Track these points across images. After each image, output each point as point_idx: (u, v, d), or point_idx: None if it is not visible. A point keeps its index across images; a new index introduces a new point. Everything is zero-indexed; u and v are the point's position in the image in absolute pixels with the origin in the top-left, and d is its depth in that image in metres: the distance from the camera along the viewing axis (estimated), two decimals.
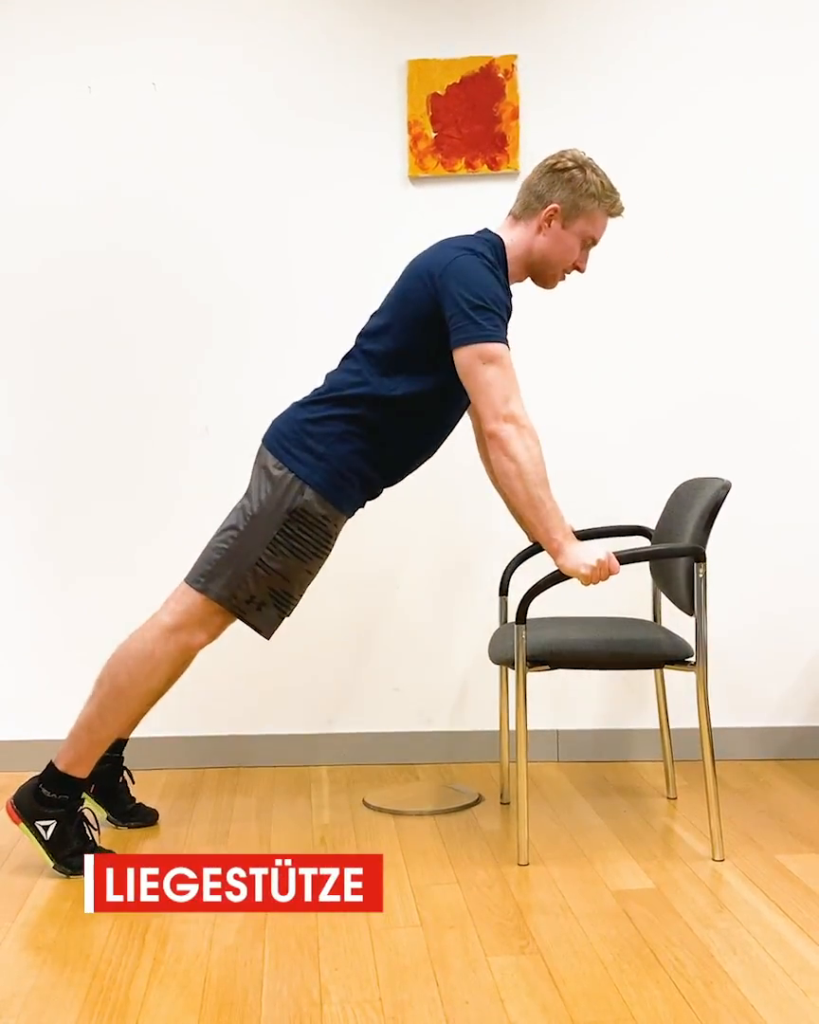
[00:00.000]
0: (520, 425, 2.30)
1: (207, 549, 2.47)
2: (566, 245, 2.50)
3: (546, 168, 2.48)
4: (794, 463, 3.22)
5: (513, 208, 2.54)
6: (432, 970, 1.96)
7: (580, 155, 2.49)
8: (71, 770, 2.44)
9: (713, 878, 2.36)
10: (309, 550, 2.42)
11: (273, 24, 3.14)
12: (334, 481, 2.42)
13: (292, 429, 2.46)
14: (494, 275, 2.39)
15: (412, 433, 2.48)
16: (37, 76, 3.13)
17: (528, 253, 2.50)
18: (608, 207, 2.50)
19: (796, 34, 3.15)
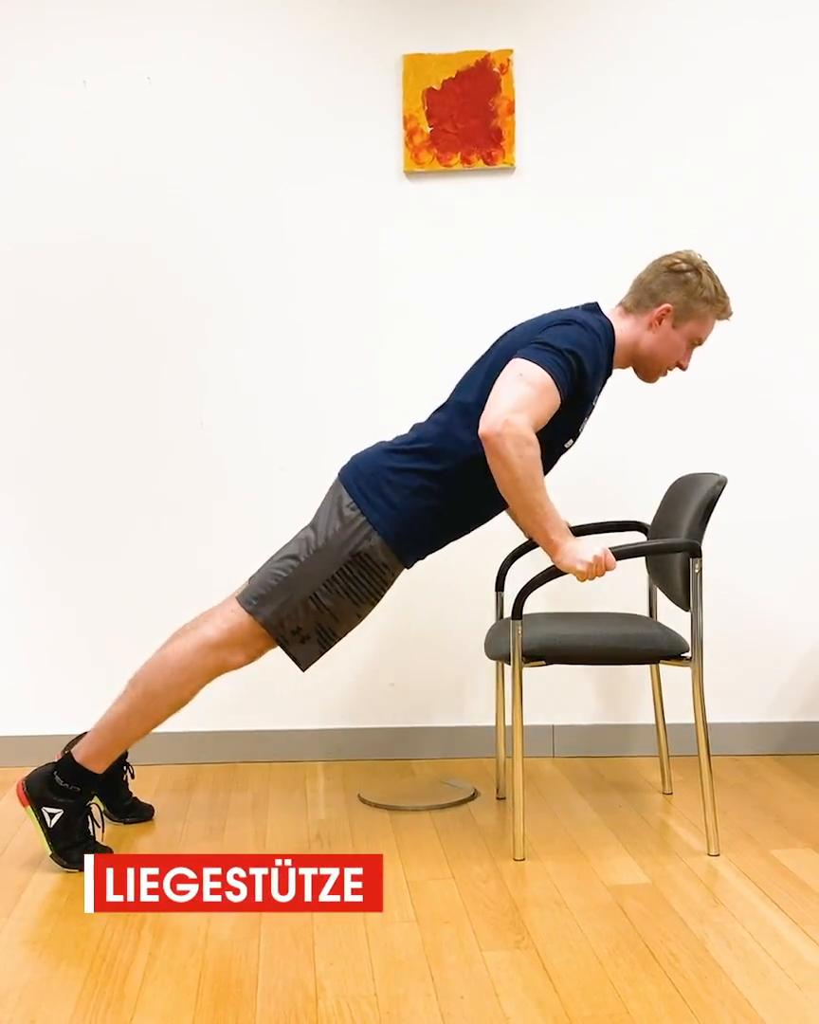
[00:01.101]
0: (517, 433, 2.23)
1: (263, 572, 2.48)
2: (673, 344, 2.52)
3: (662, 268, 2.51)
4: (790, 459, 3.22)
5: (624, 300, 2.56)
6: (427, 965, 1.96)
7: (696, 257, 2.52)
8: (88, 763, 2.45)
9: (708, 873, 2.37)
10: (363, 594, 2.44)
11: (268, 18, 3.13)
12: (403, 533, 2.42)
13: (372, 472, 2.46)
14: (596, 348, 2.38)
15: (488, 494, 2.41)
16: (32, 70, 3.12)
17: (635, 347, 2.52)
18: (719, 311, 2.54)
19: (797, 30, 3.14)
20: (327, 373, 3.19)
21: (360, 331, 3.19)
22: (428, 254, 3.17)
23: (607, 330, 2.46)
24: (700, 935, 2.07)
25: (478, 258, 3.17)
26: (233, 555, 3.19)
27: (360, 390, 3.19)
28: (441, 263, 3.17)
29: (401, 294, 3.18)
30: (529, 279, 3.18)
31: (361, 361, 3.19)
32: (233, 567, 3.18)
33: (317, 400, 3.20)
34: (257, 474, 3.20)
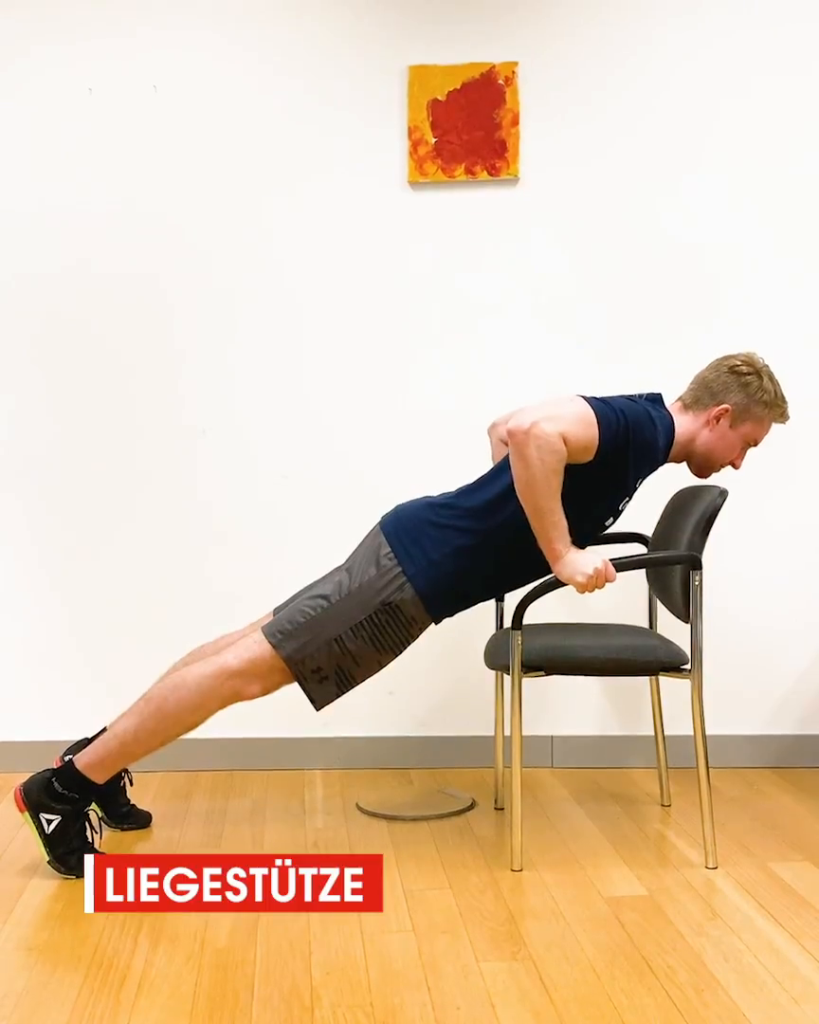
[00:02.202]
0: (544, 436, 2.24)
1: (293, 608, 2.48)
2: (729, 443, 2.54)
3: (725, 368, 2.53)
4: (791, 471, 3.22)
5: (684, 396, 2.58)
6: (424, 975, 1.96)
7: (758, 360, 2.55)
8: (89, 772, 2.45)
9: (706, 885, 2.37)
10: (388, 644, 2.44)
11: (274, 28, 3.14)
12: (436, 588, 2.43)
13: (414, 525, 2.47)
14: (649, 429, 2.40)
15: (526, 558, 2.43)
16: (38, 77, 3.13)
17: (691, 443, 2.54)
18: (777, 415, 2.56)
19: (801, 41, 3.15)
20: (330, 382, 3.20)
21: (363, 340, 3.19)
22: (432, 265, 3.18)
23: (667, 422, 2.49)
24: (697, 948, 2.06)
25: (482, 269, 3.18)
26: (235, 563, 3.20)
27: (362, 399, 3.20)
28: (445, 274, 3.18)
29: (404, 304, 3.19)
30: (532, 290, 3.18)
31: (364, 370, 3.20)
32: (234, 575, 3.20)
33: (319, 409, 3.20)
34: (259, 482, 3.20)
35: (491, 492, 2.47)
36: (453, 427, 3.15)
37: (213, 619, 3.13)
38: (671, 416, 2.52)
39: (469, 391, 3.18)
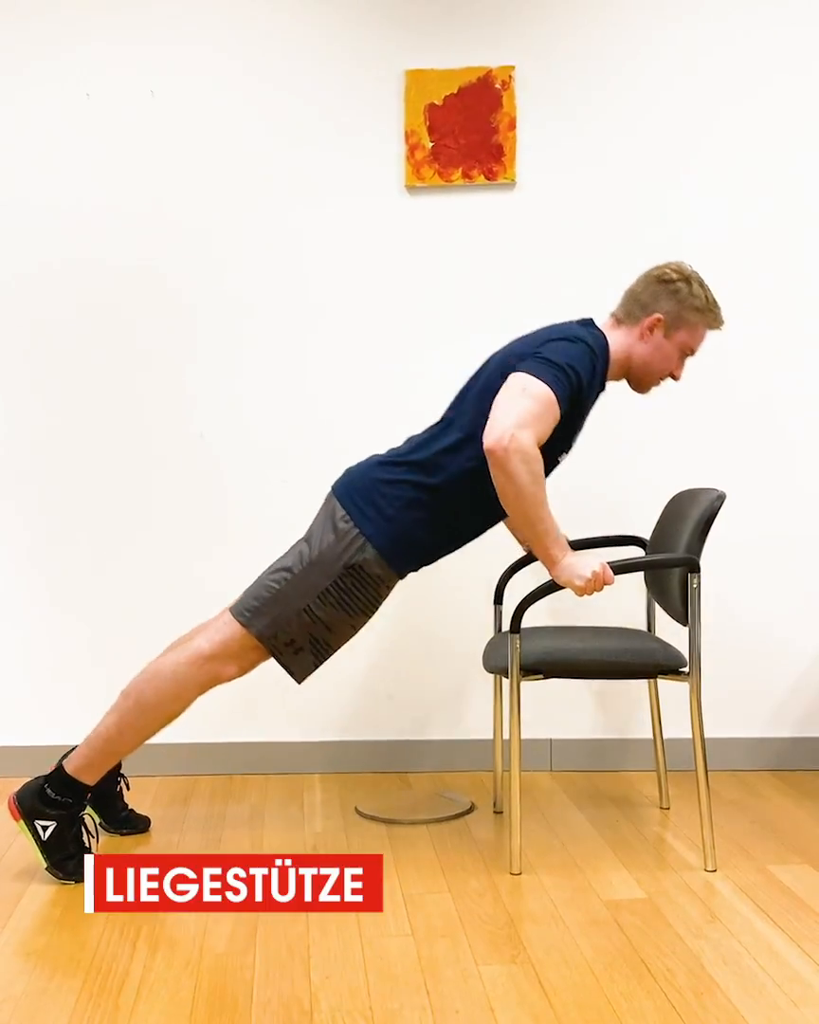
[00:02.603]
0: (523, 448, 2.23)
1: (257, 584, 2.48)
2: (665, 354, 2.53)
3: (652, 278, 2.52)
4: (788, 474, 3.23)
5: (615, 311, 2.56)
6: (423, 979, 1.96)
7: (686, 267, 2.52)
8: (79, 775, 2.45)
9: (705, 888, 2.37)
10: (357, 606, 2.44)
11: (271, 33, 3.15)
12: (397, 544, 2.43)
13: (365, 485, 2.47)
14: (592, 363, 2.39)
15: (482, 507, 2.44)
16: (35, 82, 3.13)
17: (628, 358, 2.53)
18: (710, 321, 2.54)
19: (799, 46, 3.16)
20: (328, 386, 3.20)
21: (361, 344, 3.20)
22: (429, 269, 3.19)
23: (602, 343, 2.47)
24: (696, 950, 2.06)
25: (479, 273, 3.19)
26: (235, 567, 3.19)
27: (361, 403, 3.20)
28: (441, 278, 3.19)
29: (401, 308, 3.19)
30: (529, 294, 3.19)
31: (362, 374, 3.20)
32: (235, 579, 3.18)
33: (318, 413, 3.20)
34: (258, 486, 3.20)
35: (440, 445, 2.46)
36: None
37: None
38: (605, 335, 2.50)
39: None
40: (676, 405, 3.21)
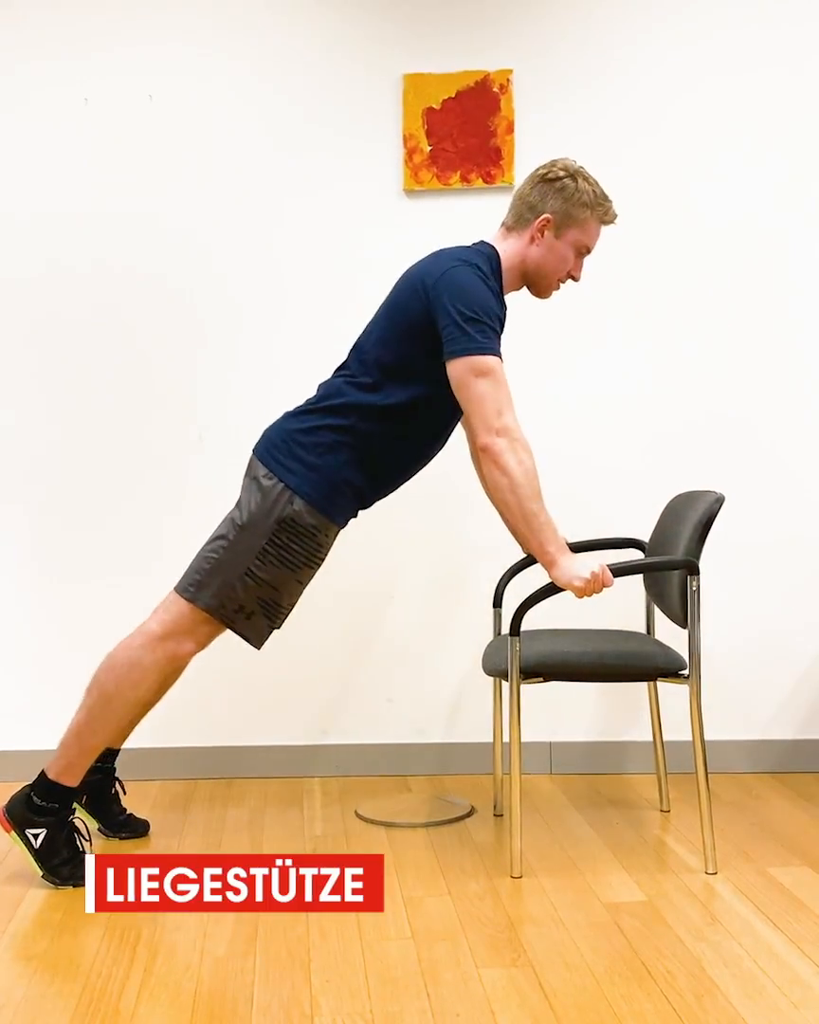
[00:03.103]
0: (512, 438, 2.30)
1: (197, 558, 2.47)
2: (560, 255, 2.50)
3: (537, 178, 2.49)
4: (787, 477, 3.23)
5: (506, 219, 2.54)
6: (423, 982, 1.96)
7: (571, 164, 2.49)
8: (61, 778, 2.44)
9: (705, 891, 2.36)
10: (299, 560, 2.42)
11: (270, 37, 3.15)
12: (324, 491, 2.42)
13: (282, 439, 2.46)
14: (488, 287, 2.39)
15: (404, 443, 2.48)
16: (33, 87, 3.14)
17: (522, 263, 2.51)
18: (601, 215, 2.50)
19: (792, 49, 3.17)
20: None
21: None
22: None
23: (492, 259, 2.46)
24: (697, 953, 2.06)
25: None
26: None
27: None
28: None
29: None
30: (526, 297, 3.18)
31: None
32: None
33: None
34: None
35: (352, 387, 2.46)
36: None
37: None
38: (494, 249, 2.49)
39: None
40: (675, 407, 3.22)
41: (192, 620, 2.43)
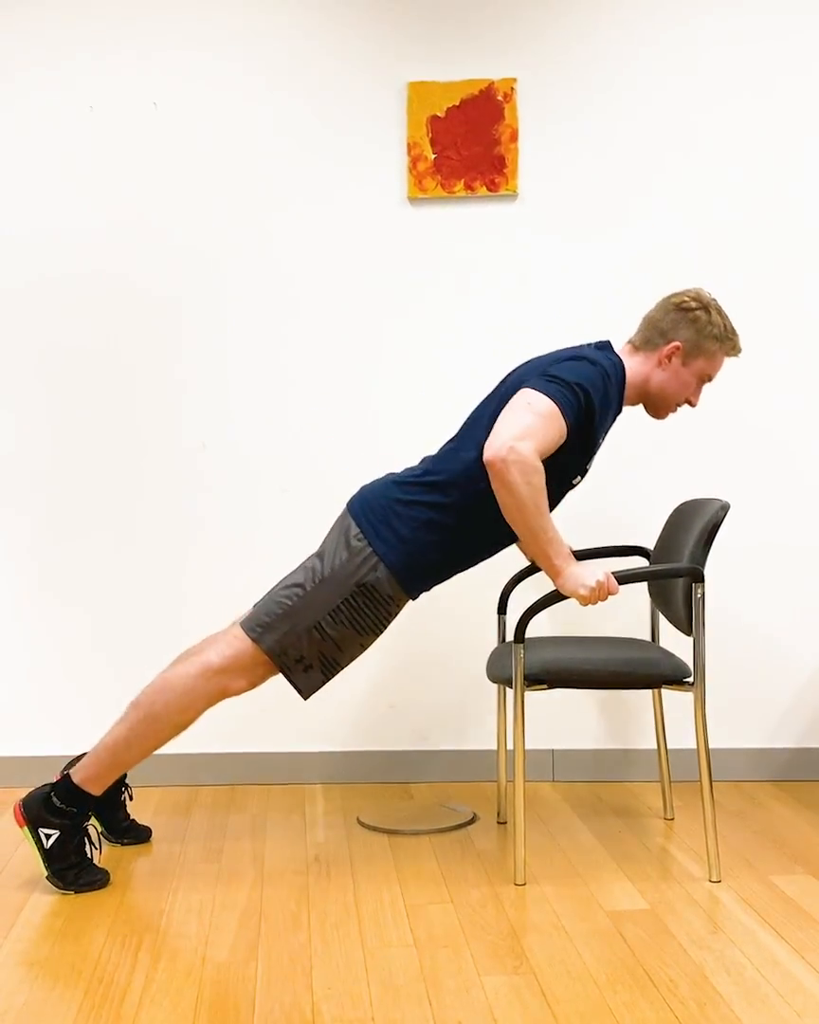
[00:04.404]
0: (522, 459, 2.24)
1: (268, 600, 2.48)
2: (683, 381, 2.54)
3: (671, 306, 2.52)
4: (792, 485, 3.23)
5: (633, 338, 2.57)
6: (425, 989, 1.95)
7: (705, 295, 2.53)
8: (85, 785, 2.45)
9: (708, 899, 2.36)
10: (368, 625, 2.44)
11: (275, 45, 3.17)
12: (410, 565, 2.43)
13: (381, 504, 2.46)
14: (605, 385, 2.39)
15: (496, 528, 2.44)
16: (38, 94, 3.15)
17: (645, 383, 2.54)
18: (728, 349, 2.55)
19: (798, 60, 3.18)
20: (329, 396, 3.21)
21: (362, 356, 3.21)
22: (431, 280, 3.20)
23: (618, 368, 2.47)
24: (699, 961, 2.06)
25: (481, 284, 3.20)
26: (238, 577, 3.21)
27: (361, 414, 3.21)
28: (444, 289, 3.20)
29: (403, 319, 3.20)
30: (531, 306, 3.20)
31: (363, 385, 3.21)
32: (238, 589, 3.20)
33: (318, 423, 3.21)
34: (259, 496, 3.21)
35: (456, 465, 2.45)
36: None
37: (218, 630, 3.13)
38: (622, 361, 2.51)
39: (467, 405, 3.19)
40: (680, 416, 3.22)
41: (252, 659, 2.44)
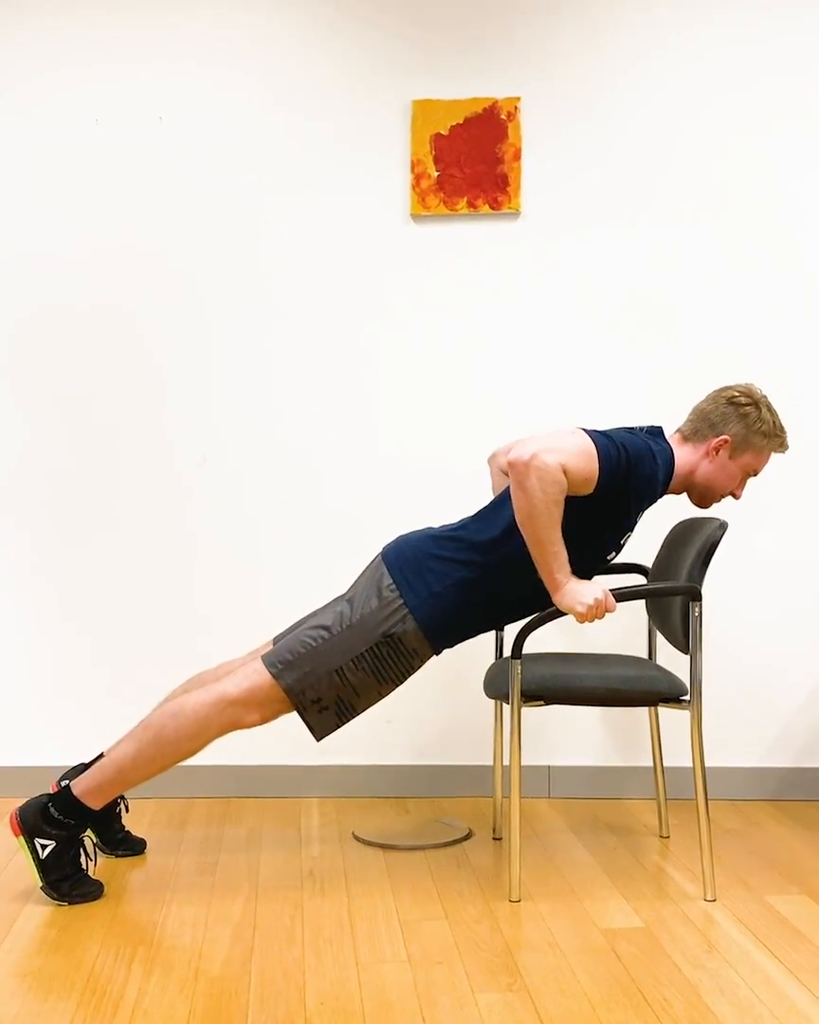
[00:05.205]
0: (545, 467, 2.26)
1: (293, 639, 2.47)
2: (729, 474, 2.56)
3: (723, 400, 2.55)
4: (790, 504, 3.24)
5: (683, 427, 2.59)
6: (419, 1006, 1.95)
7: (756, 391, 2.56)
8: (85, 798, 2.45)
9: (703, 918, 2.36)
10: (390, 675, 2.45)
11: (280, 62, 3.19)
12: (438, 621, 2.43)
13: (417, 557, 2.47)
14: (651, 466, 2.40)
15: (527, 591, 2.46)
16: (45, 108, 3.17)
17: (691, 474, 2.56)
18: (776, 445, 2.57)
19: (798, 78, 3.20)
20: (330, 413, 3.22)
21: (364, 372, 3.22)
22: (433, 297, 3.21)
23: (666, 455, 2.49)
24: (694, 981, 2.05)
25: (482, 302, 3.21)
26: (236, 592, 3.21)
27: (362, 430, 3.22)
28: (446, 306, 3.21)
29: (405, 336, 3.21)
30: (533, 324, 3.21)
31: (364, 401, 3.22)
32: (236, 605, 3.20)
33: (318, 440, 3.22)
34: (259, 512, 3.21)
35: (494, 526, 2.47)
36: (453, 458, 3.17)
37: (213, 648, 3.15)
38: (671, 448, 2.53)
39: (469, 423, 3.20)
40: None
41: (268, 695, 2.44)
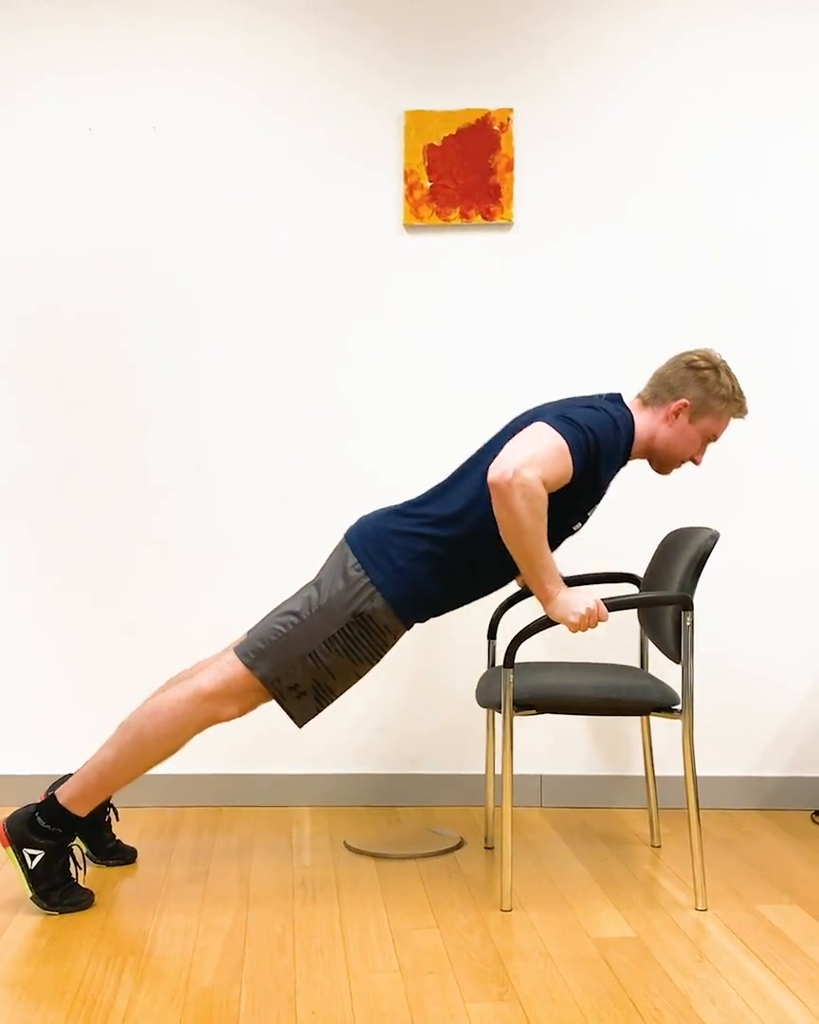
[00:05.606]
0: (527, 484, 2.26)
1: (263, 626, 2.48)
2: (689, 438, 2.56)
3: (682, 364, 2.56)
4: (781, 515, 3.25)
5: (642, 392, 2.60)
6: (410, 1015, 1.95)
7: (715, 356, 2.57)
8: (71, 806, 2.44)
9: (694, 928, 2.36)
10: (363, 654, 2.45)
11: (275, 72, 3.20)
12: (405, 596, 2.44)
13: (378, 535, 2.48)
14: (614, 434, 2.41)
15: (493, 564, 2.47)
16: (37, 117, 3.18)
17: (651, 439, 2.56)
18: (735, 410, 2.58)
19: (793, 86, 3.22)
20: (324, 422, 3.22)
21: (357, 381, 3.22)
22: (426, 306, 3.22)
23: (627, 420, 2.50)
24: (685, 990, 2.05)
25: (475, 312, 3.22)
26: (235, 596, 3.21)
27: (356, 439, 3.22)
28: (438, 316, 3.22)
29: (398, 345, 3.22)
30: (525, 334, 3.22)
31: (358, 411, 3.22)
32: (235, 608, 3.20)
33: (313, 449, 3.22)
34: (252, 517, 3.22)
35: (457, 499, 2.47)
36: (446, 468, 3.17)
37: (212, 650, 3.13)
38: (631, 414, 2.53)
39: (462, 431, 3.21)
40: None
41: (244, 686, 2.44)
